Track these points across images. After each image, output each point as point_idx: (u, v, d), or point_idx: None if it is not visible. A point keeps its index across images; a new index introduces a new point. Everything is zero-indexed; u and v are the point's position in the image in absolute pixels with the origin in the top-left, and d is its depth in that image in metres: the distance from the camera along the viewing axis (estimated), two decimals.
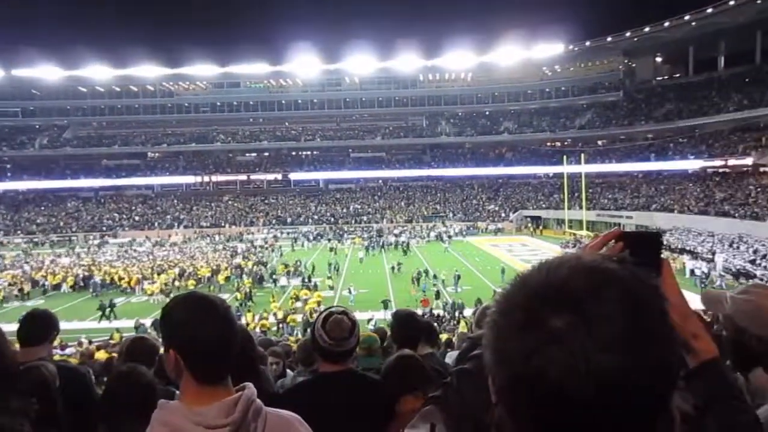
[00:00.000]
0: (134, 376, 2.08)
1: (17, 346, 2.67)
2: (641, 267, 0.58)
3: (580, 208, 46.34)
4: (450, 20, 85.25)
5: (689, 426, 0.93)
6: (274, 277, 31.17)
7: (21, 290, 28.41)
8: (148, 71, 64.46)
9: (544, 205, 54.37)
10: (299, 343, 5.34)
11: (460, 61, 64.54)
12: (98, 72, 63.94)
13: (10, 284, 29.64)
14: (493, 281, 27.92)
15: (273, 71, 66.92)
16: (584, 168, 48.25)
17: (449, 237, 46.62)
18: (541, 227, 51.26)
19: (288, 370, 4.59)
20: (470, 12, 77.16)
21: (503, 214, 54.82)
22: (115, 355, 8.63)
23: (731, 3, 47.97)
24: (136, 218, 57.67)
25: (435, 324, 14.87)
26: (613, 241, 0.80)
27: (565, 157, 51.71)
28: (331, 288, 28.20)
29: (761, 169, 42.51)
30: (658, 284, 0.59)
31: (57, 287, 29.84)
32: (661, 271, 0.79)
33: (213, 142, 67.90)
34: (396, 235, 47.62)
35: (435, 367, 2.81)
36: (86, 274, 31.56)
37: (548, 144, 64.47)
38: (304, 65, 65.05)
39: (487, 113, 69.10)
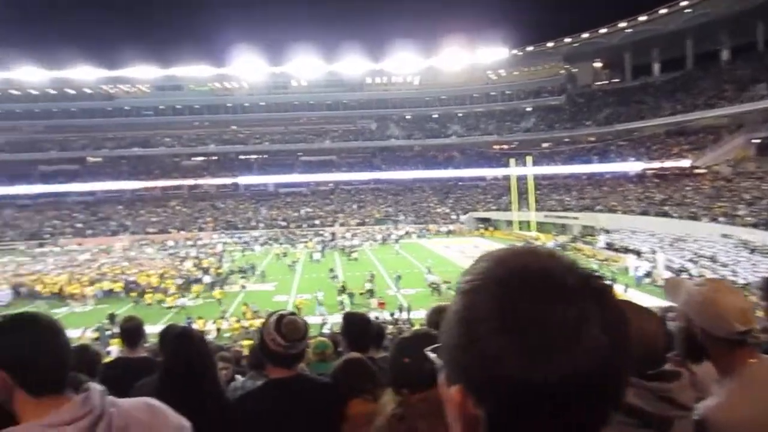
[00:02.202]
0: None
1: None
2: None
3: (529, 209, 47.50)
4: (396, 23, 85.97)
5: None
6: (227, 281, 30.63)
7: None
8: (86, 73, 62.04)
9: (493, 207, 55.43)
10: (251, 348, 5.26)
11: (406, 64, 65.17)
12: (30, 74, 61.02)
13: None
14: (448, 284, 28.21)
15: (217, 74, 65.67)
16: (531, 170, 49.49)
17: (398, 239, 46.91)
18: (492, 229, 52.21)
19: (237, 376, 4.49)
20: (416, 16, 78.18)
21: (454, 216, 55.57)
22: None
23: (662, 11, 50.45)
24: (78, 225, 55.32)
25: (389, 326, 14.90)
26: None
27: (512, 159, 52.89)
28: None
29: (696, 171, 44.71)
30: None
31: None
32: None
33: (157, 146, 66.01)
34: (349, 239, 47.54)
35: (387, 369, 2.83)
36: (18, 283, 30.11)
37: (495, 147, 65.79)
38: (249, 68, 64.06)
39: (435, 116, 69.99)
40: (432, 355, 0.67)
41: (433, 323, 3.72)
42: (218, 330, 21.26)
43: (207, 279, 30.44)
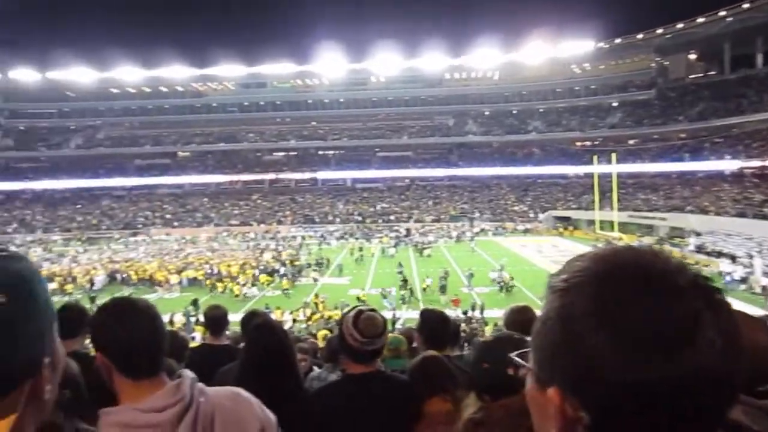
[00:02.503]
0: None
1: None
2: None
3: (612, 208, 45.49)
4: (477, 18, 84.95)
5: None
6: (302, 274, 31.49)
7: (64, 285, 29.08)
8: (178, 72, 65.51)
9: (573, 206, 53.55)
10: (326, 340, 5.33)
11: (486, 59, 64.00)
12: (129, 73, 65.22)
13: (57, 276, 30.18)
14: (524, 283, 27.57)
15: (299, 71, 67.39)
16: (615, 168, 47.33)
17: (473, 236, 46.29)
18: (571, 228, 50.44)
19: (314, 367, 4.57)
20: (497, 9, 76.41)
21: (532, 215, 54.18)
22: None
23: None
24: (168, 216, 58.67)
25: (462, 324, 14.76)
26: None
27: (595, 156, 50.83)
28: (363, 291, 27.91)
29: None
30: None
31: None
32: None
33: (241, 141, 68.73)
34: (424, 234, 47.48)
35: (465, 370, 2.70)
36: (114, 270, 32.24)
37: (577, 143, 63.50)
38: (330, 65, 65.32)
39: (515, 112, 68.42)
40: (519, 360, 0.65)
41: (511, 323, 3.61)
42: (294, 321, 21.86)
43: (284, 271, 31.37)
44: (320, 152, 69.17)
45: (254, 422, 1.36)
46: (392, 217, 56.17)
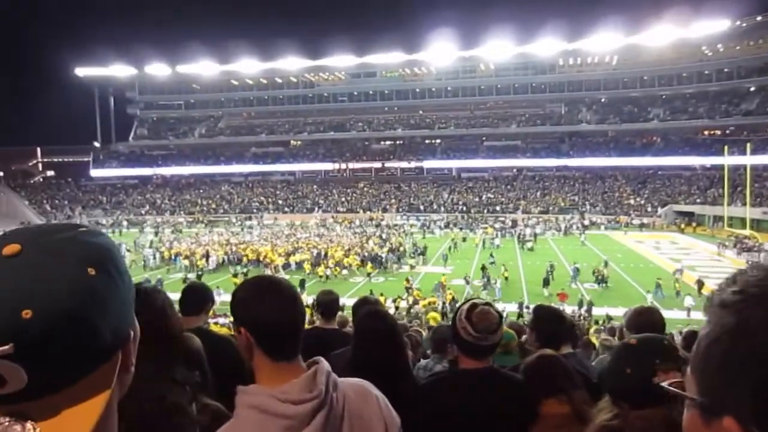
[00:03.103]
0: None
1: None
2: None
3: (743, 204, 41.44)
4: (595, 0, 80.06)
5: None
6: (404, 261, 31.81)
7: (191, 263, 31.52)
8: (292, 63, 68.21)
9: (698, 200, 49.34)
10: (432, 330, 5.30)
11: (604, 43, 60.36)
12: (248, 66, 68.94)
13: (186, 257, 32.85)
14: (638, 282, 26.00)
15: (408, 60, 67.62)
16: (750, 159, 43.01)
17: (584, 228, 44.19)
18: (694, 224, 46.63)
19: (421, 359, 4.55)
20: None
21: (650, 209, 50.71)
22: None
23: None
24: (280, 202, 61.63)
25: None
26: None
27: (726, 146, 46.47)
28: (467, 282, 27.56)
29: None
30: None
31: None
32: None
33: (350, 130, 70.43)
34: (531, 227, 46.10)
35: (578, 369, 2.59)
36: (233, 251, 34.36)
37: (705, 132, 58.39)
38: (438, 53, 64.97)
39: (634, 99, 64.12)
40: (674, 389, 0.59)
41: (634, 326, 3.37)
42: (396, 308, 22.09)
43: (389, 258, 31.80)
44: (427, 141, 69.26)
45: (379, 423, 1.35)
46: (497, 208, 55.07)
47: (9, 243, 0.60)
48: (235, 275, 27.28)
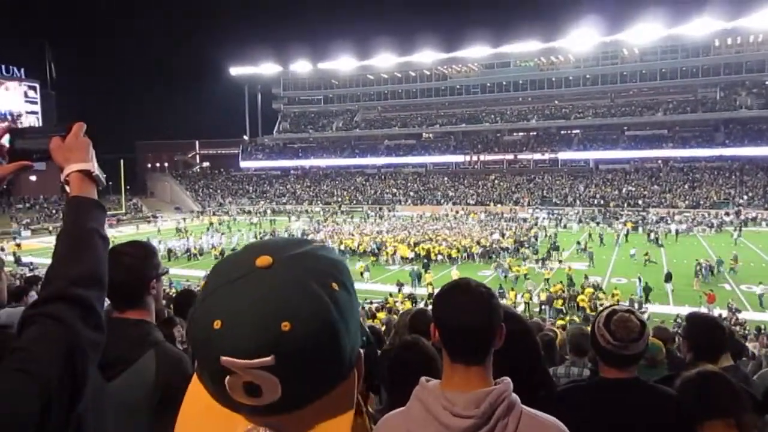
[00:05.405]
0: (419, 347, 2.18)
1: None
2: None
3: None
4: None
5: None
6: (537, 256, 31.34)
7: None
8: (426, 57, 69.17)
9: None
10: (571, 330, 5.13)
11: None
12: (384, 60, 71.07)
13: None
14: None
15: (544, 48, 65.51)
16: None
17: (740, 225, 40.15)
18: None
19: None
20: None
21: None
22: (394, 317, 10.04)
23: None
24: (411, 194, 63.05)
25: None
26: None
27: None
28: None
29: None
30: None
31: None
32: None
33: (481, 122, 69.90)
34: (678, 222, 42.91)
35: (741, 386, 2.30)
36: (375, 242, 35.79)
37: None
38: (578, 39, 62.23)
39: None
40: None
41: None
42: (526, 303, 22.08)
43: (526, 252, 31.55)
44: (562, 131, 66.74)
45: None
46: (639, 202, 51.80)
47: (261, 254, 0.61)
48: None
